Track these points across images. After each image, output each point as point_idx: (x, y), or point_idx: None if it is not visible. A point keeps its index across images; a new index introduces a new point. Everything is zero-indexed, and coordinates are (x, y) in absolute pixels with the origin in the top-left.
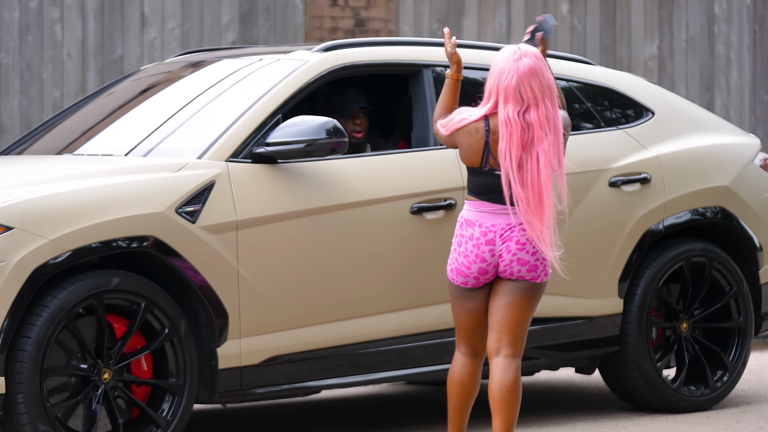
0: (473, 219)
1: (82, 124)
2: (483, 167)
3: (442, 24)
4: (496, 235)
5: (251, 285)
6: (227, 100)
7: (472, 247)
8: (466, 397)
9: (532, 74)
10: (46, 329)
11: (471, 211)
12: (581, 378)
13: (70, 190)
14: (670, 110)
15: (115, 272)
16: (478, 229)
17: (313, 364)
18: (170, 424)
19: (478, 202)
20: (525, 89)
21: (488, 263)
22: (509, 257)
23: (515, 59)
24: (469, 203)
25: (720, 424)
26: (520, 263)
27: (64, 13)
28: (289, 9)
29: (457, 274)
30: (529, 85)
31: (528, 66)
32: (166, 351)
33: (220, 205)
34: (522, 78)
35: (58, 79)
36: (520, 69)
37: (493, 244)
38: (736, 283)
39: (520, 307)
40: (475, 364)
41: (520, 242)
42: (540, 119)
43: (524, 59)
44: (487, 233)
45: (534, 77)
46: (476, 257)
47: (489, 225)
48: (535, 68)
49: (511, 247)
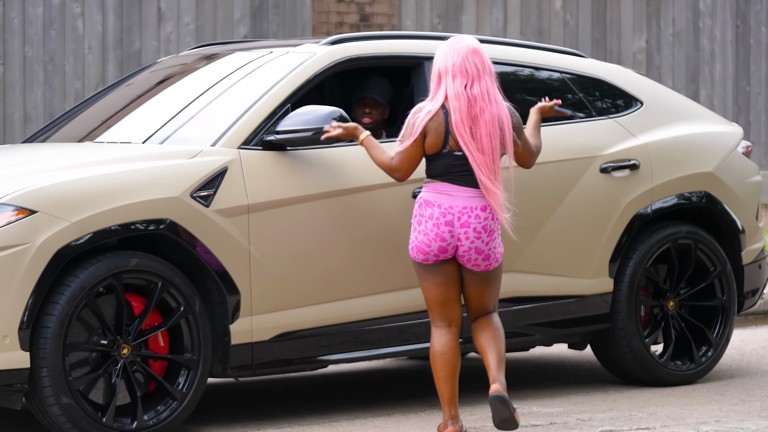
0: (432, 200)
1: (102, 114)
2: (443, 149)
3: (442, 19)
4: (454, 218)
5: (262, 265)
6: (239, 90)
7: (432, 226)
8: (449, 366)
9: (474, 53)
10: (69, 307)
11: (429, 192)
12: (574, 353)
13: (90, 176)
14: (658, 100)
15: (134, 253)
16: (437, 209)
17: (320, 340)
18: (186, 396)
19: (436, 184)
20: (469, 65)
21: (448, 243)
22: (468, 244)
23: (457, 41)
24: (427, 186)
25: (705, 397)
26: (477, 252)
27: (85, 8)
28: (298, 4)
29: (417, 251)
30: (472, 61)
31: (469, 45)
32: (181, 328)
33: (233, 189)
34: (466, 55)
35: (80, 71)
36: (463, 49)
37: (452, 226)
38: (720, 264)
39: (489, 287)
40: (451, 333)
41: (477, 230)
42: (482, 91)
43: (465, 41)
44: (446, 214)
45: (476, 55)
46: (436, 236)
47: (447, 206)
48: (476, 48)
49: (469, 234)
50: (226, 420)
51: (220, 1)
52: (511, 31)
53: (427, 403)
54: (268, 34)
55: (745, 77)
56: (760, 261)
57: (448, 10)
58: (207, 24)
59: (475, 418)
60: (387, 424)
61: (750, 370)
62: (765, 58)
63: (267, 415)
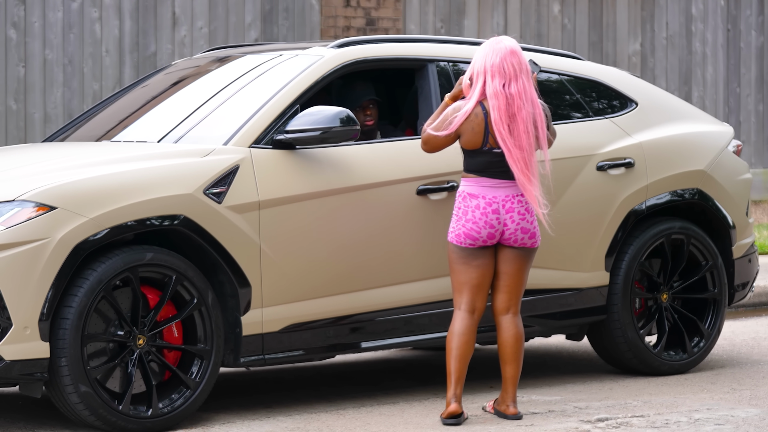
0: (475, 192)
1: (118, 114)
2: (483, 147)
3: (445, 23)
4: (500, 206)
5: (272, 259)
6: (250, 91)
7: (480, 214)
8: (464, 347)
9: (511, 54)
10: (87, 299)
11: (472, 186)
12: (571, 344)
13: (108, 173)
14: (652, 101)
15: (149, 248)
16: (482, 200)
17: (327, 331)
18: (199, 385)
19: (477, 179)
20: (507, 65)
21: (495, 229)
22: (514, 226)
23: (496, 43)
24: (468, 180)
25: (697, 386)
26: (523, 231)
27: (102, 13)
28: (307, 9)
29: (465, 237)
30: (510, 61)
31: (508, 46)
32: (195, 319)
33: (244, 186)
34: (505, 56)
35: (98, 73)
36: (501, 50)
37: (498, 213)
38: (711, 258)
39: (524, 271)
40: (473, 319)
41: (521, 212)
42: (519, 91)
43: (504, 42)
44: (491, 203)
45: (513, 56)
46: (485, 223)
47: (491, 197)
48: (514, 48)
49: (514, 218)
50: (237, 408)
51: (232, 6)
52: (511, 34)
53: (431, 392)
54: (278, 38)
55: (736, 79)
56: (749, 255)
57: (450, 15)
58: (219, 28)
59: (476, 406)
60: (392, 411)
61: (740, 360)
62: (755, 60)
63: (276, 402)
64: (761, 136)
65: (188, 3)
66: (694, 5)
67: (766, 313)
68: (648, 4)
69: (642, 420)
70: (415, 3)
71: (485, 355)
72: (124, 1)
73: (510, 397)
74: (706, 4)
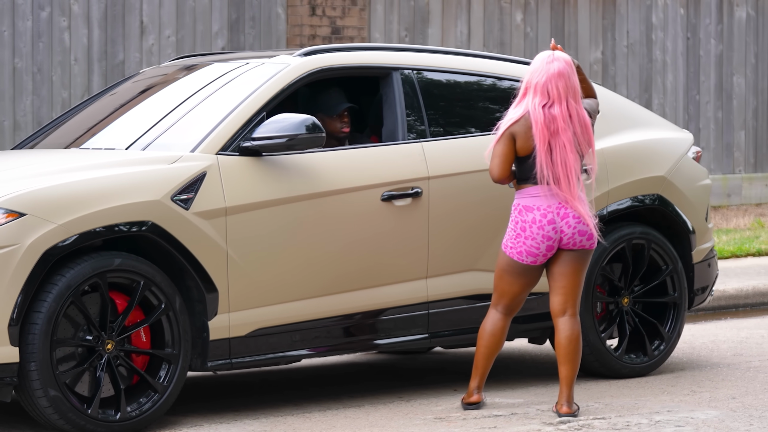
0: (530, 204)
1: (87, 122)
2: (534, 152)
3: (409, 31)
4: (554, 214)
5: (239, 265)
6: (217, 99)
7: (537, 229)
8: (495, 347)
9: (559, 76)
10: (56, 305)
11: (525, 197)
12: (534, 347)
13: (76, 180)
14: (613, 108)
15: (117, 254)
16: (537, 212)
17: (293, 336)
18: (166, 389)
19: (529, 188)
20: (552, 87)
21: (553, 240)
22: (570, 231)
23: (548, 62)
24: (521, 191)
25: (657, 388)
26: (581, 234)
27: (71, 22)
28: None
29: (527, 255)
30: (555, 84)
31: (557, 69)
32: (162, 324)
33: (211, 193)
34: (550, 78)
35: (66, 81)
36: (550, 71)
37: (554, 223)
38: (671, 263)
39: (580, 272)
40: (507, 320)
41: (575, 216)
42: (563, 114)
43: (555, 63)
44: (546, 214)
45: (561, 79)
46: (543, 237)
47: (545, 207)
48: (563, 71)
49: (570, 222)
50: (204, 411)
51: (199, 15)
52: (475, 43)
53: (396, 395)
54: (244, 46)
55: (695, 86)
56: (709, 260)
57: (415, 24)
58: (187, 37)
59: (441, 408)
60: (357, 414)
61: (700, 363)
62: (714, 68)
63: (243, 406)
64: (720, 142)
65: (156, 12)
66: (655, 14)
67: (725, 316)
68: (609, 13)
69: (603, 422)
70: (379, 12)
71: (451, 359)
72: (93, 10)
73: (564, 396)
74: (666, 12)
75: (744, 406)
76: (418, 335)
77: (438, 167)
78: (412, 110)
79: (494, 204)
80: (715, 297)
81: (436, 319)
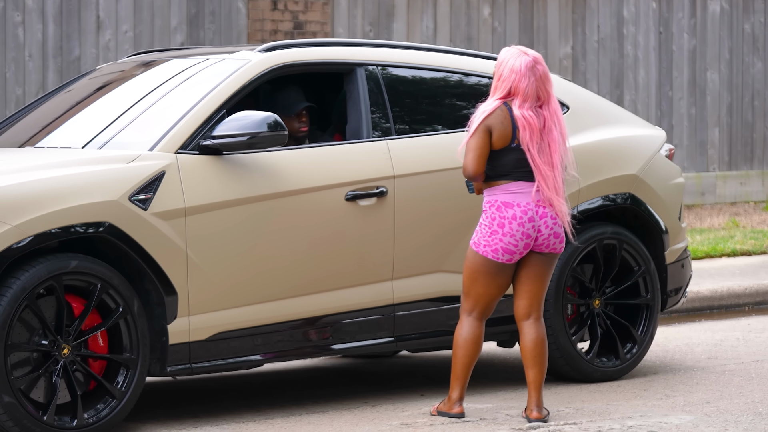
0: (510, 200)
1: (42, 119)
2: (512, 144)
3: (373, 26)
4: (534, 212)
5: (199, 267)
6: (176, 96)
7: (517, 225)
8: (474, 354)
9: (545, 78)
10: (10, 308)
11: (504, 193)
12: (503, 351)
13: (31, 180)
14: (584, 105)
15: (73, 255)
16: (518, 209)
17: (255, 340)
18: (125, 395)
19: (507, 185)
20: (542, 91)
21: (531, 238)
22: (547, 232)
23: (531, 66)
24: (498, 187)
25: (630, 392)
26: (555, 236)
27: (25, 16)
28: (233, 13)
29: (503, 252)
30: (545, 87)
31: (543, 72)
32: (120, 328)
33: (170, 193)
34: (540, 83)
35: (20, 78)
36: (538, 75)
37: (533, 221)
38: (644, 263)
39: (547, 276)
40: (481, 326)
41: (553, 217)
42: (551, 113)
43: (538, 66)
44: (527, 211)
45: (547, 80)
46: (523, 234)
47: (525, 204)
48: (547, 73)
49: (548, 223)
50: (164, 418)
51: (157, 10)
52: (441, 38)
53: (360, 400)
54: (204, 42)
55: (668, 82)
56: (682, 260)
57: (379, 18)
58: (145, 32)
59: (407, 414)
60: (321, 420)
61: (673, 366)
62: (687, 63)
63: (204, 412)
64: (694, 139)
65: (113, 6)
66: (626, 8)
67: (699, 318)
68: (579, 7)
69: (574, 427)
70: (343, 6)
71: (417, 363)
72: (48, 5)
73: (534, 401)
74: (638, 6)
75: (719, 410)
76: (384, 338)
77: (404, 166)
78: (377, 107)
79: (462, 203)
80: (689, 298)
81: (402, 321)
